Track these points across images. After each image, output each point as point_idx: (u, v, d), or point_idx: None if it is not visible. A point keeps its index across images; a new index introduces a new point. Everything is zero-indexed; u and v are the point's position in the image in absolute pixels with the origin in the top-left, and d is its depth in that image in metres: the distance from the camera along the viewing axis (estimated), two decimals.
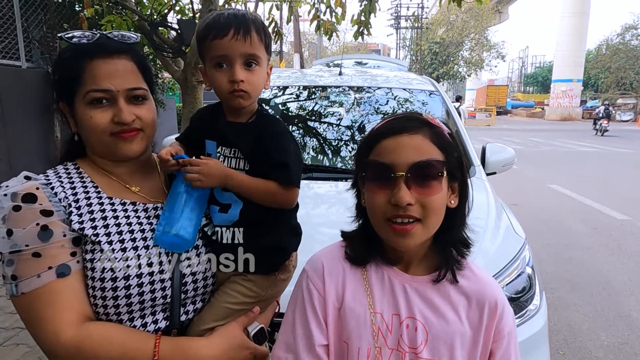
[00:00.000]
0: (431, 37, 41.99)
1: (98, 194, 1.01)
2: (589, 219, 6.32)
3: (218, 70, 1.05)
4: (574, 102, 38.20)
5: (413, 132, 0.86)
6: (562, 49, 37.08)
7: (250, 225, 1.09)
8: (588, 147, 16.13)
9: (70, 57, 1.00)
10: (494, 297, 0.90)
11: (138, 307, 0.97)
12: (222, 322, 1.06)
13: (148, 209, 1.06)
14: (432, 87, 3.35)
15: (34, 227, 0.90)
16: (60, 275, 0.91)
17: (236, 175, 1.06)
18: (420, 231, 0.85)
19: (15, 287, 0.90)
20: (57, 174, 1.02)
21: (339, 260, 0.98)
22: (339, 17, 5.65)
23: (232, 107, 1.10)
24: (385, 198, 0.85)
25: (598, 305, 3.68)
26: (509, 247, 1.82)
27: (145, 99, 1.05)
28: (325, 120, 2.99)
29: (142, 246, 0.99)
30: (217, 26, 1.02)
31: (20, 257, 0.89)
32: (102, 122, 0.98)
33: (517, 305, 1.65)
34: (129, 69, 1.02)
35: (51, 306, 0.90)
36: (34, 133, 6.07)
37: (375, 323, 0.90)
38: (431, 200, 0.84)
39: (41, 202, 0.92)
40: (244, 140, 1.09)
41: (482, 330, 0.89)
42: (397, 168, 0.83)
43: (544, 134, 22.55)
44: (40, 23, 6.31)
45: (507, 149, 2.97)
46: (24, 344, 2.89)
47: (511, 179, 6.90)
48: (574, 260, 4.70)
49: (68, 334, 0.89)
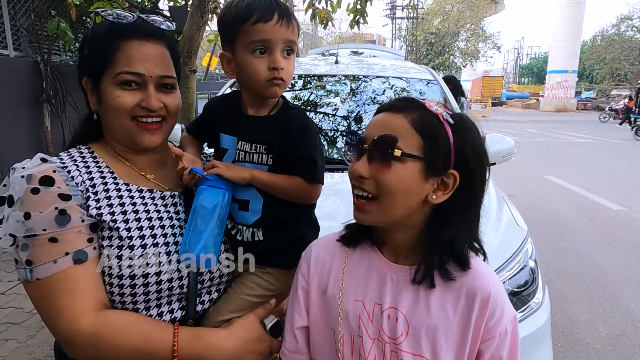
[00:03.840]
0: (427, 27, 41.74)
1: (115, 179, 0.99)
2: (584, 209, 6.32)
3: (256, 57, 1.00)
4: (568, 93, 38.19)
5: (396, 111, 0.84)
6: (558, 39, 36.99)
7: (271, 221, 1.07)
8: (583, 138, 16.16)
9: (106, 35, 0.98)
10: (487, 291, 0.81)
11: (155, 296, 0.96)
12: (239, 313, 1.05)
13: (165, 196, 1.04)
14: (430, 75, 3.29)
15: (52, 211, 0.87)
16: (78, 261, 0.89)
17: (260, 172, 1.04)
18: (375, 210, 0.84)
19: (30, 273, 0.87)
20: (72, 157, 0.99)
21: (330, 248, 0.97)
22: (334, 6, 5.56)
23: (264, 96, 1.05)
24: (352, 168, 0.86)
25: (595, 296, 3.67)
26: (511, 239, 1.77)
27: (174, 87, 1.04)
28: (321, 110, 2.92)
29: (161, 234, 0.98)
30: (260, 9, 0.97)
31: (36, 242, 0.86)
32: (128, 104, 0.96)
33: (520, 299, 1.62)
34: (162, 55, 1.01)
35: (68, 293, 0.87)
36: (24, 124, 5.94)
37: (352, 311, 0.88)
38: (385, 179, 0.80)
39: (59, 186, 0.90)
40: (269, 135, 1.04)
41: (470, 326, 0.81)
42: (365, 141, 0.84)
43: (539, 125, 22.57)
44: (27, 11, 6.15)
45: (507, 139, 2.92)
46: (14, 339, 2.83)
47: (507, 170, 6.88)
48: (570, 251, 4.69)
49: (86, 322, 0.87)
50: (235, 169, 1.03)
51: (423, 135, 0.79)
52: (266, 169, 1.05)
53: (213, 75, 19.92)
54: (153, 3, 5.40)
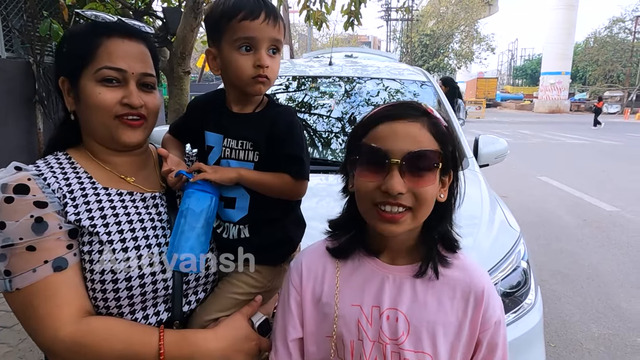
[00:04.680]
0: (421, 29, 41.95)
1: (93, 184, 0.98)
2: (578, 210, 6.36)
3: (242, 54, 1.00)
4: (562, 94, 38.54)
5: (411, 120, 0.83)
6: (551, 41, 37.32)
7: (257, 218, 1.07)
8: (576, 140, 16.28)
9: (87, 33, 0.98)
10: (481, 286, 0.88)
11: (139, 299, 0.94)
12: (227, 312, 1.04)
13: (146, 198, 1.03)
14: (424, 77, 3.29)
15: (27, 219, 0.85)
16: (57, 269, 0.87)
17: (247, 171, 1.04)
18: (409, 220, 0.83)
19: (9, 283, 0.85)
20: (48, 164, 0.97)
21: (320, 257, 0.97)
22: (328, 7, 5.56)
23: (248, 94, 1.05)
24: (375, 184, 0.82)
25: (588, 296, 3.69)
26: (503, 241, 1.77)
27: (154, 87, 1.04)
28: (314, 111, 2.91)
29: (142, 236, 0.96)
30: (248, 7, 0.98)
31: (13, 251, 0.85)
32: (109, 101, 0.95)
33: (512, 300, 1.61)
34: (144, 53, 1.01)
35: (48, 301, 0.86)
36: (15, 125, 5.88)
37: (350, 316, 0.89)
38: (424, 191, 0.82)
39: (34, 194, 0.88)
40: (255, 131, 1.04)
41: (467, 320, 0.87)
42: (392, 155, 0.81)
43: (533, 126, 22.72)
44: (20, 12, 6.10)
45: (500, 140, 2.94)
46: (5, 344, 2.80)
47: (500, 171, 6.92)
48: (564, 251, 4.72)
49: (67, 330, 0.85)
50: (221, 171, 1.02)
51: (439, 141, 0.84)
52: (252, 165, 1.05)
53: (208, 76, 19.88)
54: (146, 4, 5.37)
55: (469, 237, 1.67)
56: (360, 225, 0.92)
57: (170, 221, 1.03)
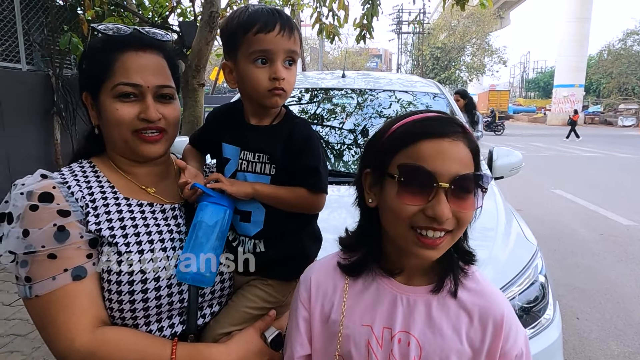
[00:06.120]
0: (433, 42, 42.07)
1: (115, 194, 0.99)
2: (594, 224, 6.23)
3: (257, 66, 1.00)
4: (575, 107, 38.13)
5: (454, 138, 0.77)
6: (564, 54, 37.09)
7: (273, 232, 1.06)
8: (591, 152, 16.05)
9: (102, 48, 0.98)
10: (500, 313, 0.81)
11: (155, 311, 0.94)
12: (240, 326, 1.04)
13: (165, 210, 1.04)
14: (437, 89, 3.29)
15: (50, 227, 0.87)
16: (76, 277, 0.88)
17: (262, 186, 1.03)
18: (447, 244, 0.78)
19: (29, 289, 0.86)
20: (73, 172, 0.99)
21: (330, 273, 0.92)
22: (341, 21, 5.62)
23: (265, 107, 1.05)
24: (417, 207, 0.75)
25: (607, 313, 3.60)
26: (520, 254, 1.75)
27: (172, 98, 1.03)
28: (327, 123, 2.93)
29: (160, 248, 0.97)
30: (262, 19, 0.97)
31: (35, 258, 0.86)
32: (127, 117, 0.96)
33: (530, 315, 1.58)
34: (159, 65, 1.01)
35: (66, 310, 0.87)
36: (34, 136, 6.02)
37: (359, 336, 0.84)
38: (468, 215, 0.77)
39: (58, 202, 0.90)
40: (272, 144, 1.04)
41: (484, 350, 0.80)
42: (441, 178, 0.74)
43: (546, 138, 22.47)
44: (41, 26, 6.27)
45: (515, 153, 2.91)
46: (19, 352, 2.82)
47: (514, 184, 6.84)
48: (580, 266, 4.62)
49: (83, 339, 0.86)
50: (238, 185, 1.02)
51: (474, 159, 0.79)
52: (269, 179, 1.04)
53: (221, 89, 20.13)
54: (163, 18, 5.50)
55: (485, 250, 1.65)
56: (375, 242, 0.88)
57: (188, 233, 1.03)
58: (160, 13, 5.69)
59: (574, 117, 22.93)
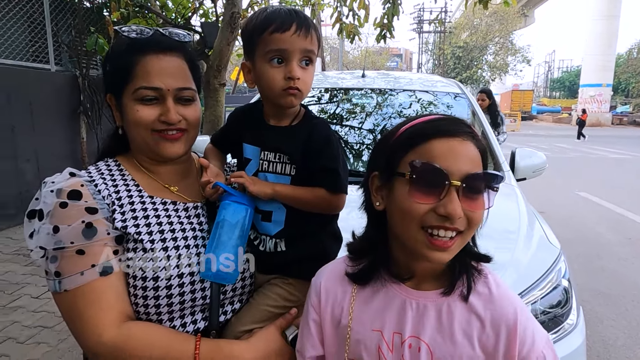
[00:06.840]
0: (454, 41, 41.48)
1: (139, 192, 1.02)
2: (621, 227, 6.04)
3: (273, 66, 1.01)
4: (603, 107, 36.95)
5: (465, 138, 0.77)
6: (591, 52, 36.01)
7: (293, 232, 1.07)
8: (618, 154, 15.55)
9: (124, 51, 1.01)
10: (513, 317, 0.78)
11: (178, 307, 0.96)
12: (261, 324, 1.05)
13: (188, 208, 1.06)
14: (458, 89, 3.25)
15: (79, 224, 0.90)
16: (103, 273, 0.91)
17: (282, 186, 1.04)
18: (458, 246, 0.77)
19: (58, 284, 0.90)
20: (99, 170, 1.02)
21: (339, 278, 0.92)
22: (361, 20, 5.61)
23: (281, 106, 1.06)
24: (429, 206, 0.74)
25: (634, 319, 3.48)
26: (542, 257, 1.70)
27: (193, 99, 1.05)
28: (347, 123, 2.93)
29: (183, 245, 0.99)
30: (279, 19, 0.99)
31: (64, 254, 0.89)
32: (147, 118, 0.99)
33: (553, 320, 1.55)
34: (180, 67, 1.02)
35: (93, 305, 0.90)
36: (61, 135, 6.21)
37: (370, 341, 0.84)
38: (478, 215, 0.77)
39: (86, 200, 0.93)
40: (291, 145, 1.05)
41: (498, 357, 0.77)
42: (452, 176, 0.74)
43: (571, 139, 21.87)
44: (69, 27, 6.48)
45: (538, 154, 2.84)
46: (45, 343, 2.91)
47: (537, 186, 6.68)
48: (606, 271, 4.48)
49: (110, 334, 0.89)
50: (259, 184, 1.04)
51: (482, 159, 0.79)
52: (289, 179, 1.05)
53: (241, 89, 20.34)
54: (186, 20, 5.59)
55: (506, 253, 1.62)
56: (383, 247, 0.87)
57: (210, 231, 1.05)
58: (183, 14, 5.79)
59: (582, 117, 22.29)
